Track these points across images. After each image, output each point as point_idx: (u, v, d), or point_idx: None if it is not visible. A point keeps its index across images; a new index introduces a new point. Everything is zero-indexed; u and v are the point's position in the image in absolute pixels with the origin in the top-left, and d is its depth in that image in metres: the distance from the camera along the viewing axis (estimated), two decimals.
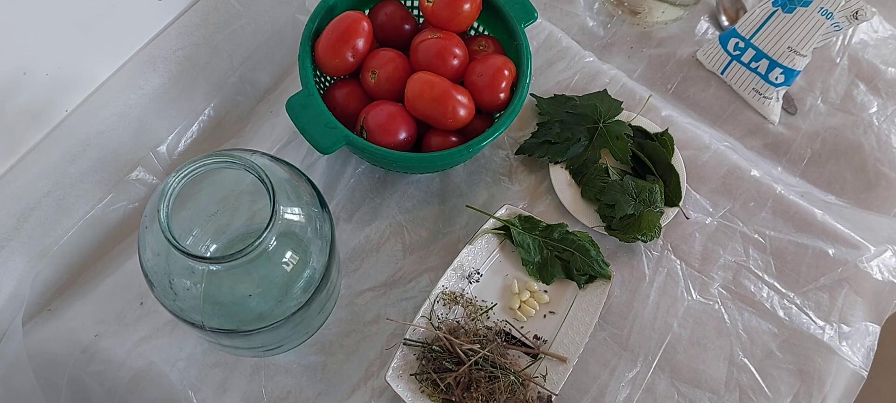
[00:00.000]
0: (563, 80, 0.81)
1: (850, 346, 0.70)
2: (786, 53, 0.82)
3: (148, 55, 0.69)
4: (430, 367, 0.63)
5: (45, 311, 0.67)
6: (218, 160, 0.51)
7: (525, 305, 0.68)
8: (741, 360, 0.68)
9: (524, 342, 0.66)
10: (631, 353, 0.67)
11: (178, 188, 0.49)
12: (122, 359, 0.63)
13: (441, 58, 0.69)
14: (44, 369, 0.64)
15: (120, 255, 0.69)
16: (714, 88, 0.88)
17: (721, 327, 0.69)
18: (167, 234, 0.47)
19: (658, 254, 0.72)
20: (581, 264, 0.69)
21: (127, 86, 0.68)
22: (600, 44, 0.89)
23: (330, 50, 0.68)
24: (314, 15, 0.69)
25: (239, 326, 0.54)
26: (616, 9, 0.90)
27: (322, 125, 0.64)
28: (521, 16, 0.72)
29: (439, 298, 0.67)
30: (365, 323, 0.67)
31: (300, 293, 0.55)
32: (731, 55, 0.86)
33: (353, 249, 0.70)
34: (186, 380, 0.63)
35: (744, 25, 0.85)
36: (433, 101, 0.67)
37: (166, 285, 0.52)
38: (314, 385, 0.64)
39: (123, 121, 0.69)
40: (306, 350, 0.65)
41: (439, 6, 0.69)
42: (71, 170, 0.66)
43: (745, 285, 0.72)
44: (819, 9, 0.80)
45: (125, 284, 0.66)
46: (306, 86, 0.66)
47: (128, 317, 0.65)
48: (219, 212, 0.63)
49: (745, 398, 0.66)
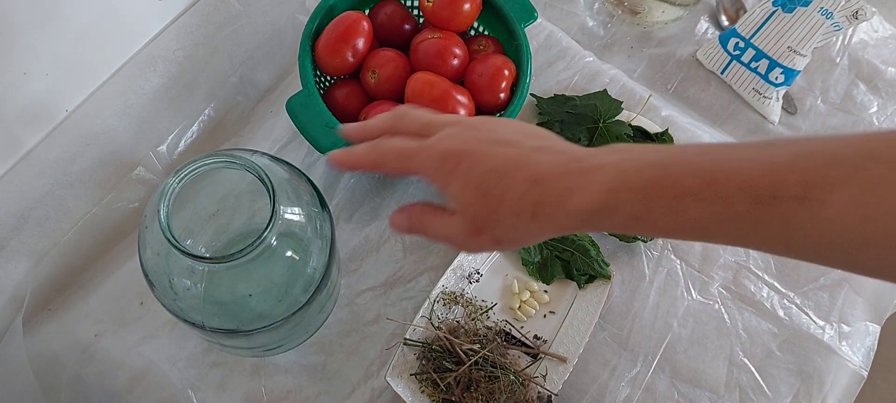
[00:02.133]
0: (563, 80, 0.81)
1: (850, 346, 0.70)
2: (786, 53, 0.82)
3: (148, 55, 0.69)
4: (430, 367, 0.63)
5: (45, 311, 0.67)
6: (218, 160, 0.51)
7: (525, 305, 0.68)
8: (741, 360, 0.68)
9: (524, 342, 0.66)
10: (631, 353, 0.67)
11: (178, 188, 0.49)
12: (122, 359, 0.63)
13: (441, 58, 0.69)
14: (44, 369, 0.64)
15: (120, 255, 0.69)
16: (714, 88, 0.88)
17: (721, 327, 0.69)
18: (167, 234, 0.47)
19: (658, 254, 0.72)
20: (581, 264, 0.69)
21: (127, 86, 0.68)
22: (600, 44, 0.89)
23: (330, 50, 0.68)
24: (314, 15, 0.69)
25: (239, 326, 0.54)
26: (616, 9, 0.90)
27: (322, 125, 0.64)
28: (521, 16, 0.72)
29: (439, 298, 0.67)
30: (365, 323, 0.67)
31: (300, 293, 0.55)
32: (731, 55, 0.86)
33: (353, 249, 0.70)
34: (186, 380, 0.63)
35: (744, 25, 0.85)
36: (433, 101, 0.67)
37: (166, 285, 0.52)
38: (314, 385, 0.64)
39: (123, 121, 0.69)
40: (306, 350, 0.65)
41: (439, 6, 0.69)
42: (71, 170, 0.66)
43: (745, 285, 0.72)
44: (819, 9, 0.80)
45: (125, 284, 0.66)
46: (306, 86, 0.66)
47: (128, 317, 0.65)
48: (219, 212, 0.63)
49: (745, 397, 0.66)
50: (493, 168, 0.37)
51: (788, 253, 0.31)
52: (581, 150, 0.37)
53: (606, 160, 0.35)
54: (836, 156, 0.29)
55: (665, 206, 0.33)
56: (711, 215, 0.31)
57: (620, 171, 0.34)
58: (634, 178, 0.33)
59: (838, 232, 0.29)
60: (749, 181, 0.30)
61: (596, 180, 0.34)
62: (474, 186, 0.37)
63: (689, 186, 0.32)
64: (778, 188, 0.30)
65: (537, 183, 0.36)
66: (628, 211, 0.34)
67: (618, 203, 0.34)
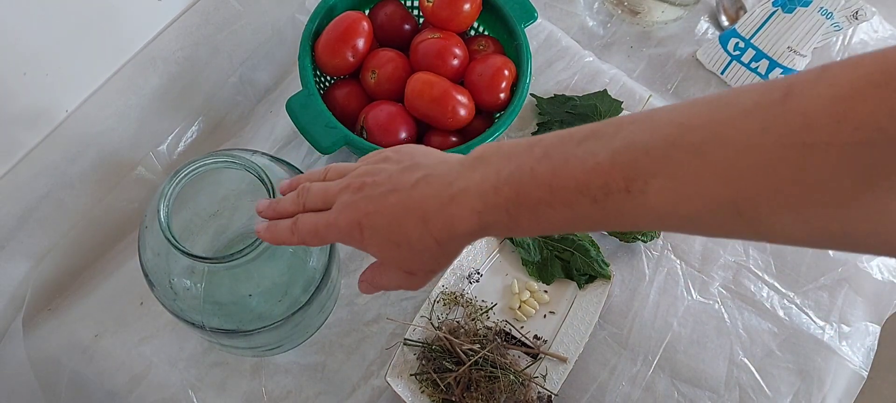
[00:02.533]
0: (563, 80, 0.81)
1: (850, 346, 0.70)
2: (786, 53, 0.82)
3: (148, 55, 0.69)
4: (430, 367, 0.63)
5: (45, 311, 0.67)
6: (218, 160, 0.51)
7: (525, 305, 0.68)
8: (741, 360, 0.68)
9: (524, 342, 0.66)
10: (631, 353, 0.67)
11: (179, 188, 0.49)
12: (122, 359, 0.63)
13: (441, 58, 0.69)
14: (44, 369, 0.64)
15: (120, 255, 0.69)
16: (714, 88, 0.88)
17: (721, 326, 0.69)
18: (167, 234, 0.47)
19: (658, 254, 0.72)
20: (581, 264, 0.69)
21: (127, 86, 0.68)
22: (600, 43, 0.89)
23: (330, 50, 0.68)
24: (314, 15, 0.69)
25: (239, 326, 0.54)
26: (616, 8, 0.90)
27: (322, 125, 0.64)
28: (521, 16, 0.72)
29: (439, 298, 0.67)
30: (365, 323, 0.67)
31: (300, 293, 0.55)
32: (731, 55, 0.86)
33: (353, 249, 0.70)
34: (186, 380, 0.63)
35: (744, 25, 0.85)
36: (433, 101, 0.67)
37: (166, 285, 0.52)
38: (314, 385, 0.64)
39: (123, 121, 0.69)
40: (306, 350, 0.65)
41: (439, 6, 0.69)
42: (71, 171, 0.66)
43: (745, 284, 0.72)
44: (819, 9, 0.80)
45: (125, 284, 0.66)
46: (306, 86, 0.66)
47: (128, 317, 0.65)
48: (219, 212, 0.63)
49: (745, 397, 0.66)
50: (388, 224, 0.41)
51: (635, 228, 0.35)
52: (450, 169, 0.40)
53: (469, 182, 0.38)
54: (647, 147, 0.32)
55: (527, 217, 0.37)
56: (565, 216, 0.36)
57: (481, 194, 0.38)
58: (495, 199, 0.37)
59: (661, 214, 0.33)
60: (585, 183, 0.34)
61: (466, 206, 0.38)
62: (383, 245, 0.42)
63: (539, 197, 0.36)
64: (608, 186, 0.33)
65: (425, 221, 0.39)
66: (501, 225, 0.38)
67: (490, 221, 0.38)
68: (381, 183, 0.42)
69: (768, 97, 0.30)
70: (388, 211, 0.41)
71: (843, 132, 0.27)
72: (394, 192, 0.41)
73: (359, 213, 0.41)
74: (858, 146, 0.27)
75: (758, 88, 0.31)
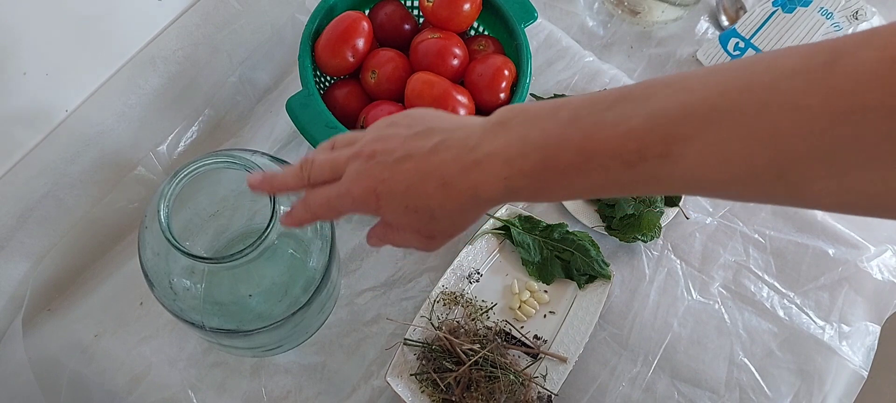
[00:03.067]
0: (563, 80, 0.81)
1: (850, 346, 0.70)
2: None
3: (148, 55, 0.69)
4: (430, 367, 0.63)
5: (45, 311, 0.67)
6: (218, 160, 0.51)
7: (525, 305, 0.68)
8: (741, 360, 0.68)
9: (524, 342, 0.66)
10: (631, 353, 0.67)
11: (179, 188, 0.49)
12: (122, 359, 0.63)
13: (441, 58, 0.69)
14: (44, 369, 0.64)
15: (120, 255, 0.69)
16: None
17: (721, 326, 0.69)
18: (167, 234, 0.47)
19: (658, 254, 0.72)
20: (581, 264, 0.69)
21: (127, 86, 0.68)
22: (600, 43, 0.89)
23: (330, 50, 0.68)
24: (314, 15, 0.69)
25: (239, 326, 0.54)
26: (616, 8, 0.90)
27: (322, 125, 0.64)
28: (521, 16, 0.72)
29: (439, 298, 0.67)
30: (365, 323, 0.67)
31: (300, 293, 0.55)
32: (731, 55, 0.86)
33: (353, 249, 0.70)
34: (186, 380, 0.63)
35: (744, 25, 0.85)
36: (433, 101, 0.67)
37: (166, 285, 0.52)
38: (314, 385, 0.64)
39: (123, 121, 0.69)
40: (306, 350, 0.65)
41: (439, 6, 0.69)
42: (71, 170, 0.66)
43: (745, 285, 0.72)
44: (819, 9, 0.80)
45: (125, 284, 0.66)
46: (306, 86, 0.66)
47: (128, 317, 0.65)
48: (219, 212, 0.63)
49: (745, 397, 0.66)
50: (405, 190, 0.40)
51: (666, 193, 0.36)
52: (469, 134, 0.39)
53: (492, 146, 0.38)
54: (684, 111, 0.32)
55: (556, 182, 0.37)
56: (595, 181, 0.35)
57: (508, 159, 0.37)
58: (523, 164, 0.37)
59: (698, 178, 0.33)
60: (618, 148, 0.34)
61: (491, 172, 0.38)
62: (401, 211, 0.41)
63: (569, 162, 0.35)
64: (644, 150, 0.33)
65: (445, 186, 0.39)
66: (528, 190, 0.38)
67: (517, 187, 0.38)
68: (393, 149, 0.41)
69: (813, 61, 0.29)
70: (404, 177, 0.40)
71: (894, 95, 0.27)
72: (409, 158, 0.40)
73: (374, 181, 0.41)
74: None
75: (798, 51, 0.31)
